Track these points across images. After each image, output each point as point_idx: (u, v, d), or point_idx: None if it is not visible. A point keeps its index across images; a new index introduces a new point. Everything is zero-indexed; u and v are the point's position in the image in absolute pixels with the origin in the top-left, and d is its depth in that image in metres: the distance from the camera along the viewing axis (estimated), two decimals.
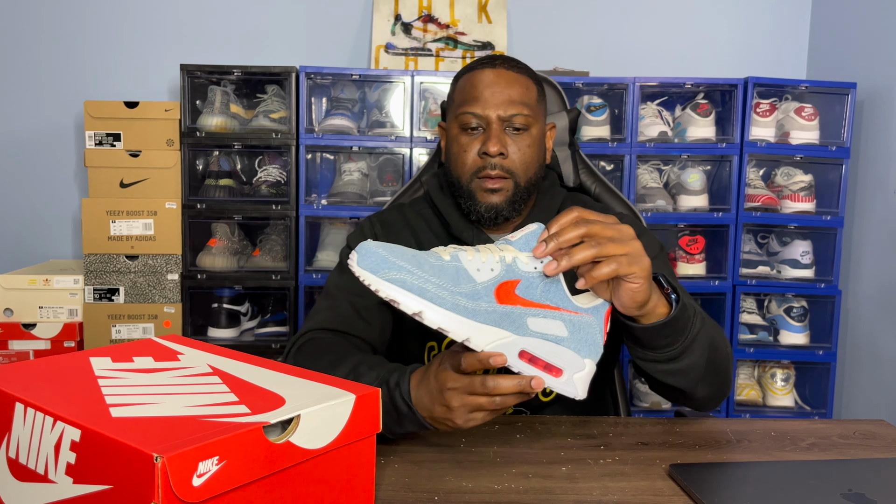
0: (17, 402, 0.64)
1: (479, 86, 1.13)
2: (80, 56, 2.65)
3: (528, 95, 1.14)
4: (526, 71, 1.17)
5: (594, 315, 0.83)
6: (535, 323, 0.80)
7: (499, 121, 1.12)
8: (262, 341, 2.42)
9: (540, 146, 1.17)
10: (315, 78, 2.41)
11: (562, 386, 0.81)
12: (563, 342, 0.81)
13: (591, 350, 0.82)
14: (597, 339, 0.82)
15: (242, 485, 0.58)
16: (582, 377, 0.81)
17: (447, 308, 0.77)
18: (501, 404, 0.81)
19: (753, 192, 2.42)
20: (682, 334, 0.91)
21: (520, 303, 0.80)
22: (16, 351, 2.33)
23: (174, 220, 2.35)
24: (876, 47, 2.40)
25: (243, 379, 0.72)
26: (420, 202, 1.30)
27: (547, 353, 0.80)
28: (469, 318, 0.78)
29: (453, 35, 2.58)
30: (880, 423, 1.07)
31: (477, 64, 1.17)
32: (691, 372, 0.95)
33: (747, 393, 2.45)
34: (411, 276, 0.77)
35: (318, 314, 1.16)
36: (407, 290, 0.77)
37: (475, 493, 0.81)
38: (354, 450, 0.69)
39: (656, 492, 0.82)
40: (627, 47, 2.72)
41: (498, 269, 0.81)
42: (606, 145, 2.36)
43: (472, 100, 1.13)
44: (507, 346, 0.79)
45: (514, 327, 0.80)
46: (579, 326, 0.82)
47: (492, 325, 0.79)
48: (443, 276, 0.79)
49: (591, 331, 0.82)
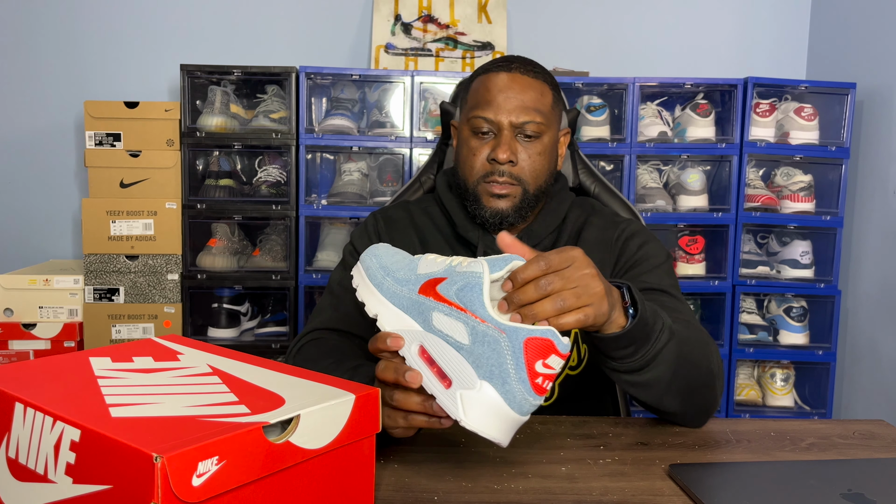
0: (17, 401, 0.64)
1: (493, 90, 1.11)
2: (80, 56, 2.65)
3: (542, 101, 1.12)
4: (542, 75, 1.15)
5: (508, 336, 0.72)
6: (439, 319, 0.76)
7: (510, 127, 1.10)
8: (262, 341, 2.42)
9: (551, 153, 1.16)
10: (315, 78, 2.41)
11: (446, 401, 0.73)
12: (462, 350, 0.73)
13: (492, 374, 0.71)
14: (504, 367, 0.71)
15: (242, 485, 0.58)
16: (470, 399, 0.72)
17: (374, 285, 0.80)
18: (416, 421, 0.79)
19: (753, 192, 2.42)
20: (641, 347, 0.89)
21: (433, 296, 0.77)
22: (16, 351, 2.33)
23: (174, 221, 2.35)
24: (876, 47, 2.40)
25: (243, 379, 0.72)
26: (427, 199, 1.28)
27: (442, 356, 0.74)
28: (386, 297, 0.79)
29: (453, 35, 2.58)
30: (880, 423, 1.07)
31: (493, 66, 1.15)
32: (654, 386, 0.93)
33: (747, 393, 2.45)
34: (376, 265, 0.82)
35: (321, 313, 1.16)
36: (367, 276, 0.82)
37: (475, 493, 0.81)
38: (354, 450, 0.69)
39: (656, 492, 0.82)
40: (627, 47, 2.72)
41: (439, 269, 0.79)
42: (606, 145, 2.36)
43: (484, 104, 1.11)
44: (409, 336, 0.77)
45: (421, 319, 0.77)
46: (483, 338, 0.73)
47: (402, 311, 0.78)
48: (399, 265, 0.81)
49: (496, 350, 0.72)
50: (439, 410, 0.76)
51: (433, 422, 0.79)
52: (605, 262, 1.17)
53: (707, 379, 0.99)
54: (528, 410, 0.73)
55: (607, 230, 1.20)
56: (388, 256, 0.83)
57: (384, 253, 0.84)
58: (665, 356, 0.91)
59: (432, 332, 0.76)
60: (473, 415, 0.72)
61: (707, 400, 1.01)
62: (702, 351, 0.99)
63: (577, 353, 1.16)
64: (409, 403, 0.78)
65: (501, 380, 0.71)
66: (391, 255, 0.84)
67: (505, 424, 0.73)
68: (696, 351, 0.97)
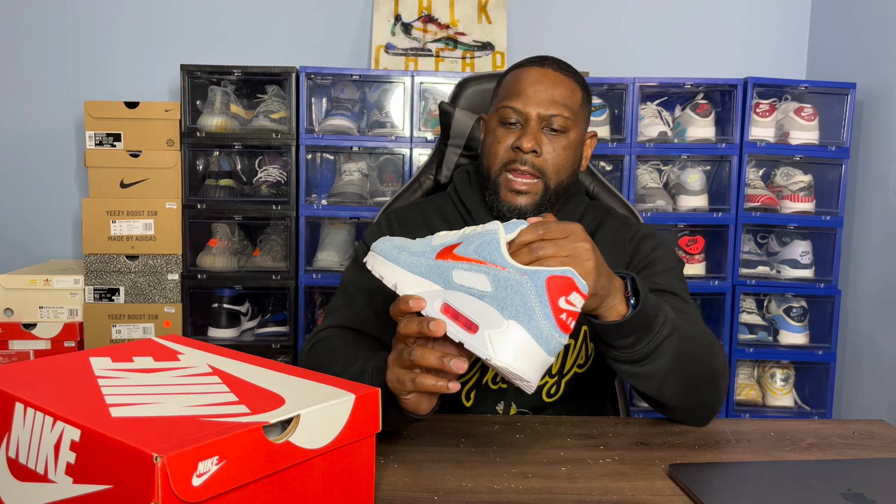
0: (17, 401, 0.64)
1: (524, 82, 1.13)
2: (80, 56, 2.65)
3: (572, 99, 1.13)
4: (574, 75, 1.16)
5: (530, 277, 0.76)
6: (460, 275, 0.79)
7: (538, 118, 1.11)
8: (262, 341, 2.42)
9: (576, 151, 1.16)
10: (315, 78, 2.41)
11: (475, 344, 0.75)
12: (486, 298, 0.77)
13: (518, 312, 0.75)
14: (529, 304, 0.75)
15: (242, 485, 0.58)
16: (498, 337, 0.74)
17: (390, 260, 0.82)
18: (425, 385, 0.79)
19: (753, 192, 2.42)
20: (643, 338, 0.90)
21: (451, 257, 0.80)
22: (16, 351, 2.33)
23: (174, 221, 2.35)
24: (876, 47, 2.40)
25: (243, 379, 0.72)
26: (442, 197, 1.29)
27: (466, 307, 0.77)
28: (403, 267, 0.81)
29: (453, 35, 2.58)
30: (880, 423, 1.07)
31: (526, 61, 1.17)
32: (654, 377, 0.94)
33: (747, 393, 2.45)
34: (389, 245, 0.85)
35: (334, 312, 1.16)
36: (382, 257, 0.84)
37: (475, 493, 0.81)
38: (354, 450, 0.69)
39: (656, 492, 0.82)
40: (627, 47, 2.72)
41: (453, 238, 0.82)
42: (606, 145, 2.36)
43: (514, 95, 1.12)
44: (430, 296, 0.79)
45: (441, 279, 0.79)
46: (506, 283, 0.76)
47: (421, 276, 0.80)
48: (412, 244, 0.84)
49: (520, 291, 0.75)
50: (457, 365, 0.77)
51: (440, 386, 0.79)
52: (618, 261, 1.18)
53: (709, 377, 1.00)
54: (554, 349, 0.75)
55: (620, 231, 1.22)
56: (400, 239, 0.86)
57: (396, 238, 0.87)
58: (666, 349, 0.92)
59: (453, 289, 0.78)
60: (503, 352, 0.74)
61: (709, 399, 1.01)
62: (705, 349, 0.99)
63: (585, 351, 1.16)
64: (427, 358, 0.78)
65: (528, 317, 0.74)
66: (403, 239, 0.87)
67: (533, 362, 0.75)
68: (698, 348, 0.98)
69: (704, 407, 1.02)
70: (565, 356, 1.15)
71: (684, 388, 0.97)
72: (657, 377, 0.95)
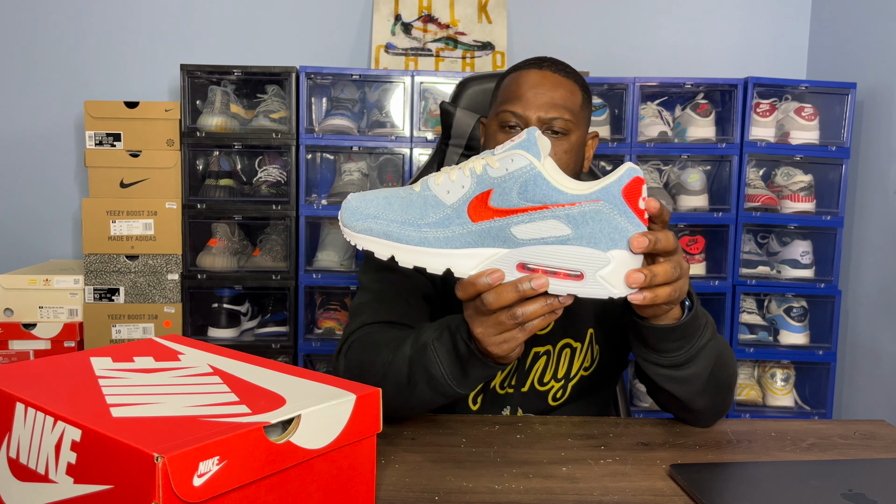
0: (18, 401, 0.64)
1: (524, 86, 1.11)
2: (80, 56, 2.65)
3: (572, 100, 1.12)
4: (573, 76, 1.15)
5: (604, 198, 0.70)
6: (523, 230, 0.71)
7: (538, 122, 1.09)
8: (263, 341, 2.42)
9: (578, 153, 1.15)
10: (315, 78, 2.41)
11: (590, 290, 0.71)
12: (570, 241, 0.71)
13: (614, 240, 0.70)
14: (618, 224, 0.70)
15: (243, 485, 0.58)
16: (610, 273, 0.71)
17: (415, 244, 0.74)
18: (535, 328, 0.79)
19: (753, 192, 2.42)
20: (689, 342, 0.91)
21: (497, 214, 0.72)
22: (16, 351, 2.33)
23: (174, 220, 2.35)
24: (876, 47, 2.40)
25: (244, 379, 0.72)
26: None
27: (553, 258, 0.71)
28: (442, 247, 0.73)
29: (453, 35, 2.58)
30: (880, 424, 1.07)
31: (524, 64, 1.15)
32: (693, 382, 0.95)
33: (747, 393, 2.45)
34: (376, 223, 0.74)
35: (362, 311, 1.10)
36: (375, 237, 0.74)
37: (475, 494, 0.81)
38: (355, 450, 0.69)
39: (657, 492, 0.82)
40: (627, 47, 2.72)
41: (468, 184, 0.73)
42: (606, 145, 2.36)
43: (514, 99, 1.11)
44: (500, 263, 0.73)
45: (500, 242, 0.72)
46: (585, 218, 0.70)
47: (471, 248, 0.73)
48: (410, 210, 0.74)
49: (605, 217, 0.70)
50: (566, 301, 0.75)
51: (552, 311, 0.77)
52: None
53: (732, 381, 1.02)
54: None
55: None
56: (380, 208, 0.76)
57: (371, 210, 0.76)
58: (707, 353, 0.93)
59: (521, 245, 0.72)
60: (619, 284, 0.72)
61: (726, 403, 1.03)
62: (729, 352, 1.02)
63: (591, 354, 1.16)
64: (535, 310, 0.76)
65: (623, 237, 0.71)
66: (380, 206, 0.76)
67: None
68: (727, 352, 1.00)
69: (721, 410, 1.03)
70: (572, 360, 1.15)
71: (713, 392, 0.98)
72: (697, 381, 0.95)
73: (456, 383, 0.89)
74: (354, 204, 0.76)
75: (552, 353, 1.15)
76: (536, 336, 1.14)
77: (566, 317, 1.14)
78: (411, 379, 0.92)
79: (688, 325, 0.88)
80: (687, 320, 0.87)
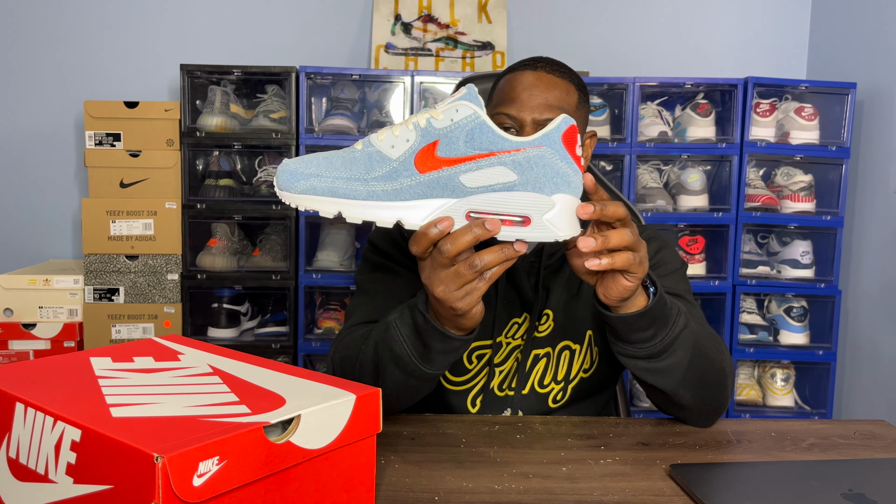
0: (18, 402, 0.64)
1: (518, 87, 1.10)
2: (80, 56, 2.65)
3: (567, 101, 1.10)
4: (568, 75, 1.14)
5: (546, 144, 0.73)
6: (470, 178, 0.73)
7: (533, 124, 1.08)
8: (262, 341, 2.42)
9: None
10: (315, 78, 2.41)
11: (537, 234, 0.74)
12: (516, 186, 0.73)
13: (557, 184, 0.73)
14: (560, 169, 0.73)
15: (243, 485, 0.58)
16: (555, 216, 0.73)
17: (363, 198, 0.74)
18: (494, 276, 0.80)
19: (753, 192, 2.42)
20: (661, 330, 0.92)
21: (444, 164, 0.73)
22: (16, 351, 2.33)
23: (174, 220, 2.35)
24: (876, 47, 2.40)
25: (244, 379, 0.71)
26: None
27: (500, 205, 0.73)
28: (391, 200, 0.74)
29: (453, 35, 2.58)
30: (880, 424, 1.07)
31: (518, 65, 1.15)
32: (673, 373, 0.96)
33: (747, 393, 2.45)
34: (320, 181, 0.74)
35: (355, 312, 1.12)
36: (319, 196, 0.74)
37: (475, 494, 0.81)
38: (354, 450, 0.69)
39: (657, 492, 0.82)
40: (627, 47, 2.72)
41: (413, 137, 0.74)
42: (606, 145, 2.36)
43: (508, 101, 1.10)
44: (448, 213, 0.74)
45: (448, 191, 0.74)
46: (528, 163, 0.73)
47: (421, 199, 0.74)
48: (354, 167, 0.75)
49: (547, 162, 0.73)
50: (520, 246, 0.76)
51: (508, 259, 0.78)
52: None
53: (720, 376, 1.01)
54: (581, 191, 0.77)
55: None
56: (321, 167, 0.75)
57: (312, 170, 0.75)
58: (682, 342, 0.94)
59: (470, 194, 0.74)
60: (564, 226, 0.75)
61: (718, 399, 1.02)
62: (714, 347, 1.01)
63: (590, 356, 1.16)
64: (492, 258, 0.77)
65: (565, 182, 0.74)
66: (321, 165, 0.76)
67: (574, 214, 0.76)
68: (709, 345, 1.00)
69: (713, 406, 1.03)
70: (571, 362, 1.15)
71: (698, 386, 0.99)
72: (675, 372, 0.96)
73: (420, 359, 0.91)
74: (293, 166, 0.75)
75: (552, 355, 1.15)
76: (536, 339, 1.14)
77: (565, 319, 1.15)
78: (381, 362, 0.94)
79: (655, 312, 0.89)
80: (653, 305, 0.89)
